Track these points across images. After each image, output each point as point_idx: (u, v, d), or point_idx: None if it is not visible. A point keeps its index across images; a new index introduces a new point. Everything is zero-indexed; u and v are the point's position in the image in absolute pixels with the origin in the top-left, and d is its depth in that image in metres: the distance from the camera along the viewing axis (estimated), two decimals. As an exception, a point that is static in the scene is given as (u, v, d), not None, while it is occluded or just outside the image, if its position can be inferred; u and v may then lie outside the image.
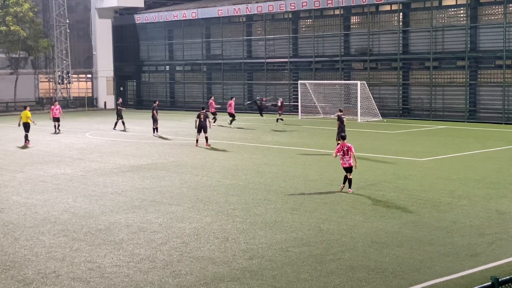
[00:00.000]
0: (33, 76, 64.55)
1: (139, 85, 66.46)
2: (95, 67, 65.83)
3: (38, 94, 65.14)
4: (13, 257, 12.73)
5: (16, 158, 27.20)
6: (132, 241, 13.80)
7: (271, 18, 54.82)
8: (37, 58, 63.51)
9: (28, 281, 11.32)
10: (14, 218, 16.14)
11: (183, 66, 61.89)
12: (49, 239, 14.03)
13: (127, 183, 20.91)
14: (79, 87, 67.17)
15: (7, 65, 62.18)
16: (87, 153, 28.71)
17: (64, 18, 63.00)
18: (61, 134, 37.47)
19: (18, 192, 19.62)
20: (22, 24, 58.42)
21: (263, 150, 29.18)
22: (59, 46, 63.37)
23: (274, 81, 54.65)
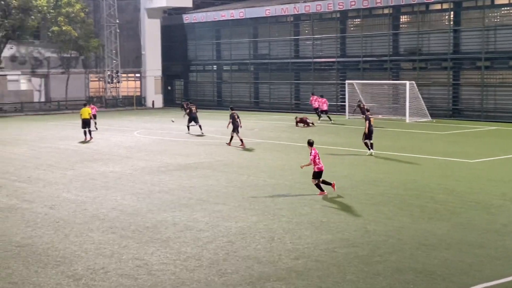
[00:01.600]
0: (84, 76, 65.66)
1: (186, 84, 66.98)
2: (143, 67, 66.59)
3: (88, 93, 66.22)
4: (63, 253, 12.97)
5: (67, 156, 27.69)
6: (179, 239, 13.90)
7: (318, 17, 54.61)
8: (87, 58, 64.58)
9: (78, 276, 11.51)
10: (65, 214, 16.43)
11: (230, 65, 62.13)
12: (98, 236, 14.24)
13: (174, 181, 21.08)
14: (128, 86, 68.05)
15: (59, 64, 63.41)
16: (135, 151, 29.05)
17: (114, 18, 63.89)
18: (110, 133, 37.97)
19: (69, 189, 19.97)
20: (74, 24, 59.44)
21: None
22: (109, 46, 64.31)
23: (321, 81, 54.44)
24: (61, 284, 11.12)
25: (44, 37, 61.59)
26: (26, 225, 15.27)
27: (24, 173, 23.06)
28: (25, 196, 18.86)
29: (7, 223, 15.57)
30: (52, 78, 63.59)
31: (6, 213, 16.61)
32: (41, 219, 15.89)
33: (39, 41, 62.35)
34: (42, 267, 12.04)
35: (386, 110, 47.30)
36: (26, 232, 14.66)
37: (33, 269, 11.90)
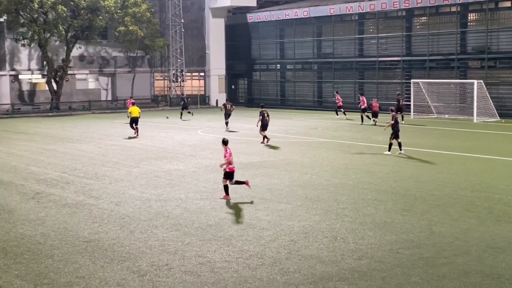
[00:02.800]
0: (149, 75, 66.72)
1: (250, 83, 67.23)
2: (207, 66, 67.21)
3: (154, 92, 67.23)
4: (128, 249, 13.18)
5: (132, 154, 28.16)
6: (242, 238, 13.96)
7: (384, 16, 53.96)
8: (153, 57, 65.60)
9: (142, 272, 11.68)
10: (130, 211, 16.71)
11: (294, 64, 62.06)
12: (162, 233, 14.42)
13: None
14: (192, 85, 68.79)
15: (125, 63, 64.61)
16: (199, 150, 29.31)
17: (179, 18, 64.66)
18: (174, 131, 38.43)
19: (134, 186, 20.30)
20: (140, 24, 60.46)
21: (374, 150, 28.77)
22: (174, 45, 65.13)
23: (386, 80, 53.80)
24: (126, 279, 11.31)
25: (111, 37, 62.87)
26: (93, 221, 15.60)
27: (91, 170, 23.56)
28: (92, 193, 19.27)
29: (75, 218, 15.94)
30: (119, 77, 64.85)
31: (74, 209, 17.00)
32: (107, 215, 16.20)
33: (106, 41, 63.68)
34: (108, 262, 12.27)
35: (453, 109, 46.39)
36: (93, 227, 14.97)
37: (99, 264, 12.14)
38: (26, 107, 59.15)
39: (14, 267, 11.98)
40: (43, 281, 11.24)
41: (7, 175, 22.67)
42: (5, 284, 11.07)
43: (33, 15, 55.65)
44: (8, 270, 11.81)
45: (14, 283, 11.14)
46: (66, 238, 14.04)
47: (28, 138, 35.72)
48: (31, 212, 16.65)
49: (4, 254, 12.83)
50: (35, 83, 61.43)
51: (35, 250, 13.12)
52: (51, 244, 13.53)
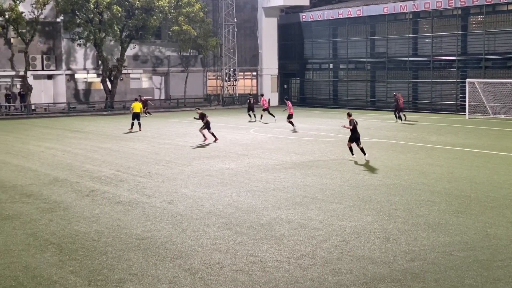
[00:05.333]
0: (202, 74, 67.19)
1: (302, 83, 67.08)
2: (260, 65, 67.33)
3: (206, 91, 67.68)
4: (180, 247, 13.28)
5: (185, 153, 28.39)
6: (293, 237, 13.91)
7: (439, 14, 53.13)
8: (206, 57, 66.03)
9: (194, 270, 11.75)
10: (182, 210, 16.83)
11: (346, 64, 61.66)
12: (214, 231, 14.48)
13: (288, 179, 21.14)
14: (245, 84, 69.01)
15: (178, 63, 65.23)
16: (251, 149, 29.37)
17: (232, 18, 64.95)
18: (226, 130, 38.59)
19: (186, 185, 20.45)
20: (193, 24, 60.95)
21: (428, 150, 28.36)
22: (227, 45, 65.44)
23: (441, 80, 52.98)
24: (178, 277, 11.39)
25: (165, 37, 63.54)
26: (146, 219, 15.77)
27: (145, 168, 23.84)
28: (145, 191, 19.49)
29: (128, 216, 16.14)
30: (172, 76, 65.49)
31: (128, 207, 17.23)
32: (160, 214, 16.36)
33: (160, 41, 64.38)
34: (161, 260, 12.38)
35: (510, 110, 45.35)
36: (146, 225, 15.14)
37: (152, 262, 12.26)
38: (81, 105, 60.30)
39: (69, 263, 12.20)
40: (97, 277, 11.41)
41: (63, 172, 23.12)
42: (60, 280, 11.28)
43: (89, 15, 56.66)
44: (63, 266, 12.03)
45: (69, 279, 11.35)
46: (119, 235, 14.23)
47: (83, 136, 36.38)
48: (85, 209, 16.94)
49: (59, 250, 13.08)
50: (90, 82, 62.53)
51: (90, 246, 13.34)
52: (105, 241, 13.73)
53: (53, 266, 12.04)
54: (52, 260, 12.46)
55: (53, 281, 11.24)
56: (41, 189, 19.84)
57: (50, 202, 17.90)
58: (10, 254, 12.86)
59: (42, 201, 18.03)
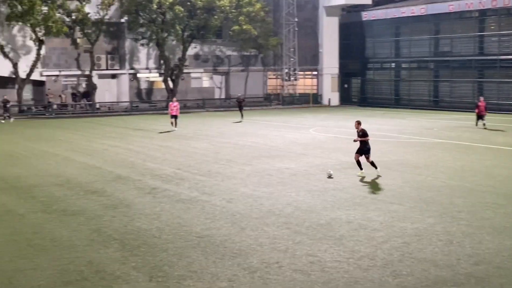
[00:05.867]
0: (262, 73, 67.31)
1: (363, 82, 66.47)
2: (320, 64, 67.02)
3: (266, 91, 67.78)
4: (239, 245, 13.32)
5: (245, 152, 28.48)
6: (353, 238, 13.79)
7: (506, 12, 51.84)
8: (266, 56, 66.12)
9: (253, 269, 11.76)
10: (242, 208, 16.89)
11: (409, 63, 60.82)
12: (273, 231, 14.48)
13: (348, 179, 20.96)
14: (305, 84, 68.82)
15: (239, 62, 65.51)
16: (311, 148, 29.25)
17: (293, 17, 64.85)
18: (286, 130, 38.58)
19: (246, 184, 20.51)
20: (254, 23, 61.11)
21: (494, 151, 27.70)
22: (287, 44, 65.37)
23: (508, 79, 51.66)
24: (237, 275, 11.43)
25: (226, 36, 63.90)
26: (206, 217, 15.88)
27: (205, 167, 24.02)
28: (205, 189, 19.63)
29: (188, 214, 16.29)
30: (232, 75, 65.84)
31: (188, 205, 17.39)
32: (220, 212, 16.45)
33: (221, 40, 64.78)
34: (220, 258, 12.45)
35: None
36: (206, 223, 15.24)
37: (211, 260, 12.33)
38: (143, 104, 61.22)
39: (131, 259, 12.38)
40: (158, 273, 11.55)
41: (126, 170, 23.51)
42: (123, 275, 11.47)
43: (151, 15, 57.49)
44: (125, 262, 12.22)
45: (131, 274, 11.52)
46: (179, 233, 14.37)
47: (145, 134, 36.92)
48: (147, 207, 17.17)
49: (122, 246, 13.29)
50: (152, 82, 63.42)
51: (151, 243, 13.51)
52: (166, 238, 13.89)
53: (116, 262, 12.25)
54: (115, 255, 12.67)
55: (116, 276, 11.43)
56: (104, 186, 20.22)
57: (113, 199, 18.22)
58: (75, 249, 13.15)
59: (106, 198, 18.37)
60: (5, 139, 35.05)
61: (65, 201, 18.00)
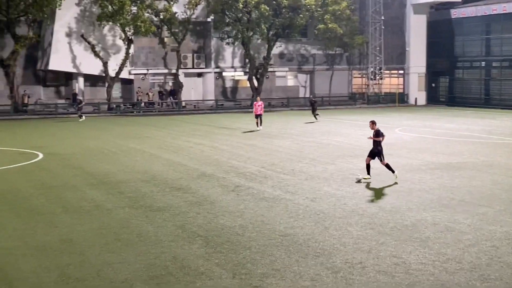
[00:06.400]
0: (347, 72, 66.80)
1: (451, 81, 64.84)
2: (407, 63, 65.84)
3: (351, 90, 67.22)
4: (322, 245, 13.25)
5: (329, 151, 28.33)
6: (439, 240, 13.47)
7: None
8: (351, 55, 65.59)
9: (336, 269, 11.68)
10: (325, 208, 16.80)
11: (500, 62, 58.95)
12: (357, 231, 14.33)
13: (435, 181, 20.51)
14: (391, 83, 67.83)
15: (324, 61, 65.25)
16: (396, 148, 28.79)
17: (379, 15, 64.03)
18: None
19: (329, 183, 20.39)
20: (339, 22, 60.73)
21: None
22: (373, 43, 64.61)
23: None
24: (320, 275, 11.37)
25: (311, 35, 63.80)
26: (289, 216, 15.88)
27: (288, 166, 24.03)
28: (288, 188, 19.64)
29: (271, 212, 16.33)
30: (317, 74, 65.65)
31: (271, 203, 17.44)
32: (303, 211, 16.41)
33: (306, 39, 64.73)
34: (303, 257, 12.42)
35: None
36: (289, 222, 15.24)
37: (294, 258, 12.32)
38: (228, 103, 61.87)
39: (215, 256, 12.52)
40: (241, 271, 11.63)
41: (210, 167, 23.80)
42: (206, 272, 11.61)
43: (237, 14, 58.03)
44: (209, 258, 12.37)
45: (215, 271, 11.65)
46: (263, 231, 14.43)
47: (230, 133, 37.28)
48: (231, 204, 17.33)
49: (206, 243, 13.46)
50: (237, 80, 64.02)
51: (234, 240, 13.62)
52: (249, 236, 13.97)
53: (200, 258, 12.42)
54: (199, 252, 12.85)
55: (200, 272, 11.59)
56: (189, 183, 20.54)
57: (198, 196, 18.48)
58: (161, 244, 13.41)
59: (191, 195, 18.65)
60: (95, 136, 36.16)
61: (151, 197, 18.40)
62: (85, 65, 57.14)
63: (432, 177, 21.10)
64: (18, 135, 37.30)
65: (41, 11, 51.83)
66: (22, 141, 33.58)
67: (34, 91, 58.17)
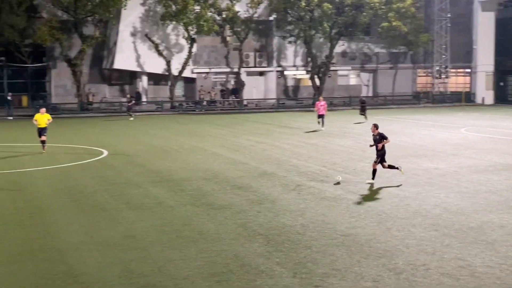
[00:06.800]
0: (411, 71, 65.80)
1: (520, 80, 63.14)
2: (474, 62, 64.41)
3: (415, 89, 66.18)
4: (385, 245, 13.05)
5: (391, 151, 27.83)
6: (506, 243, 13.09)
7: None
8: (416, 53, 64.57)
9: (398, 270, 11.48)
10: (387, 208, 16.55)
11: None
12: (420, 232, 14.06)
13: (502, 182, 19.97)
14: (457, 81, 66.48)
15: (387, 60, 64.46)
16: (462, 149, 28.18)
17: (445, 12, 62.85)
18: (435, 129, 37.44)
19: (392, 183, 20.06)
20: (404, 20, 59.86)
21: None
22: (439, 41, 63.47)
23: None
24: (382, 276, 11.20)
25: (374, 33, 63.13)
26: (350, 216, 15.71)
27: (350, 165, 23.81)
28: (349, 187, 19.44)
29: (332, 212, 16.20)
30: (380, 73, 64.89)
31: (332, 202, 17.29)
32: (365, 211, 16.22)
33: (369, 37, 64.10)
34: (364, 257, 12.26)
35: None
36: (350, 222, 15.08)
37: (355, 259, 12.18)
38: (290, 102, 61.77)
39: (275, 255, 12.48)
40: (301, 270, 11.56)
41: (271, 166, 23.78)
42: (267, 270, 11.58)
43: (300, 13, 57.91)
44: (269, 257, 12.34)
45: (275, 269, 11.61)
46: (324, 230, 14.32)
47: (291, 131, 37.20)
48: (292, 203, 17.26)
49: (266, 242, 13.44)
50: (299, 79, 63.88)
51: (295, 240, 13.56)
52: (310, 235, 13.88)
53: (260, 256, 12.40)
54: (260, 250, 12.83)
55: (260, 270, 11.57)
56: (250, 182, 20.56)
57: (259, 194, 18.48)
58: (222, 242, 13.46)
59: (252, 193, 18.67)
60: (158, 134, 36.65)
61: (212, 195, 18.50)
62: (148, 64, 57.99)
63: (500, 178, 20.55)
64: (84, 133, 38.13)
65: (107, 11, 52.90)
66: (88, 139, 34.31)
67: (100, 90, 59.41)
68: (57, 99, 57.80)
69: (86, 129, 40.94)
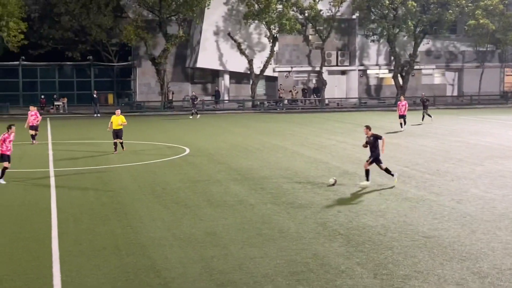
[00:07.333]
0: (499, 70, 63.92)
1: None
2: None
3: (503, 88, 64.26)
4: (469, 248, 12.75)
5: (476, 151, 27.22)
6: None
7: None
8: (504, 51, 62.66)
9: (483, 274, 11.19)
10: (472, 210, 16.15)
11: None
12: (506, 235, 13.66)
13: None
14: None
15: (473, 58, 62.84)
16: (552, 150, 27.18)
17: (535, 10, 60.72)
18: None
19: (477, 185, 19.58)
20: (491, 18, 58.19)
21: None
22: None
23: None
24: (466, 279, 10.95)
25: (460, 31, 61.68)
26: (433, 217, 15.42)
27: (433, 166, 23.34)
28: (433, 188, 19.07)
29: (415, 213, 15.93)
30: (466, 72, 63.32)
31: (414, 203, 17.01)
32: (448, 213, 15.87)
33: (454, 35, 62.68)
34: (447, 260, 12.01)
35: None
36: (433, 224, 14.79)
37: (438, 261, 11.94)
38: (372, 101, 61.08)
39: (356, 255, 12.39)
40: (382, 271, 11.43)
41: (352, 166, 23.61)
42: (347, 270, 11.52)
43: (383, 11, 57.21)
44: (350, 257, 12.26)
45: (356, 270, 11.53)
46: (405, 231, 14.10)
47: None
48: (373, 203, 17.08)
49: (346, 241, 13.36)
50: (382, 78, 63.10)
51: (376, 240, 13.41)
52: (391, 236, 13.70)
53: (340, 256, 12.33)
54: (340, 250, 12.76)
55: (340, 270, 11.51)
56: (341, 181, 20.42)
57: (339, 194, 18.38)
58: (301, 241, 13.46)
59: (332, 193, 18.58)
60: (239, 132, 36.96)
61: (292, 193, 18.52)
62: (231, 63, 58.56)
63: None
64: (167, 130, 38.87)
65: (191, 10, 53.76)
66: (171, 136, 34.96)
67: (183, 88, 60.42)
68: (141, 97, 59.19)
69: (169, 126, 41.71)
